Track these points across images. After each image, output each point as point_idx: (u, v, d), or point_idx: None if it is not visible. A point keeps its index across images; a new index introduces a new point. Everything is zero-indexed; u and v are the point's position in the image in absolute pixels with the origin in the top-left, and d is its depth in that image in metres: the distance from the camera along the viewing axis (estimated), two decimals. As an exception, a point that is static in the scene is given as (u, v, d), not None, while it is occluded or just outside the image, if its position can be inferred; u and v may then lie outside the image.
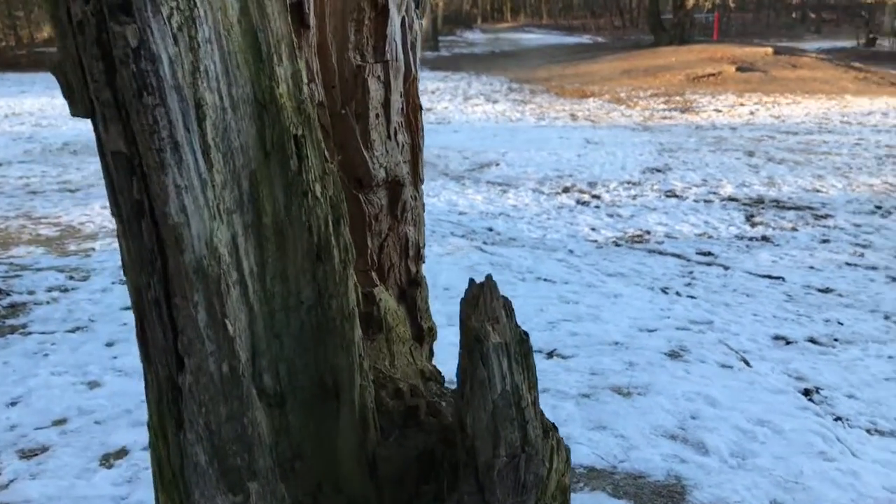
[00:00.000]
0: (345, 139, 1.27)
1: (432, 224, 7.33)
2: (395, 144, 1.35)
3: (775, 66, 23.03)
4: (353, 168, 1.30)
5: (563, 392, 3.11)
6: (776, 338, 4.82)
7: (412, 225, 1.46)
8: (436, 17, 32.13)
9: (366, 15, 1.22)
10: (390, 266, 1.41)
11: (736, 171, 10.78)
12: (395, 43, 1.29)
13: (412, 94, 1.38)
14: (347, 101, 1.25)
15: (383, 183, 1.34)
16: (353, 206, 1.29)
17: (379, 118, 1.28)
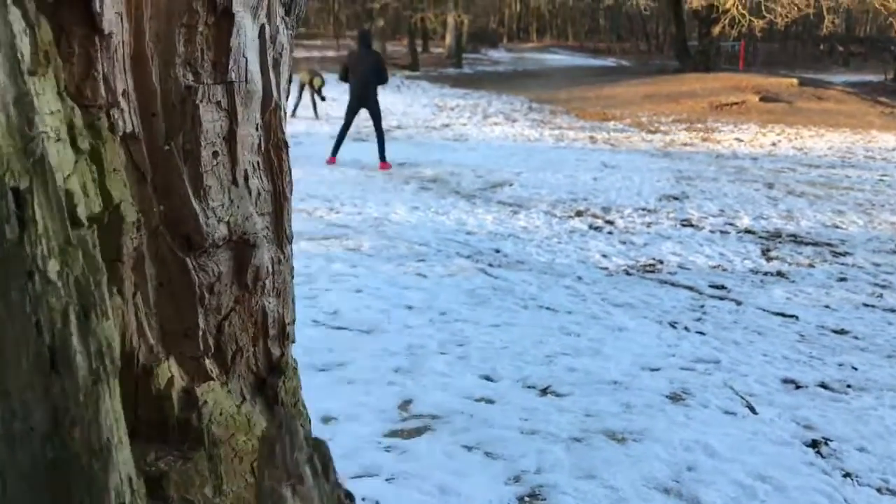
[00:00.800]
0: (169, 184, 0.95)
1: (438, 243, 7.18)
2: (246, 192, 1.02)
3: (800, 98, 22.79)
4: (181, 223, 0.97)
5: (554, 435, 2.94)
6: (786, 381, 4.61)
7: (273, 296, 1.10)
8: (460, 34, 32.14)
9: (200, 19, 0.91)
10: (237, 350, 1.05)
11: (754, 203, 10.56)
12: (243, 59, 0.97)
13: (274, 128, 1.07)
14: (173, 134, 0.94)
15: (224, 242, 1.00)
16: (180, 273, 0.97)
17: (218, 157, 0.97)
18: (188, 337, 0.99)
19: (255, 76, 1.01)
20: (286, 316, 1.16)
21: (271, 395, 1.13)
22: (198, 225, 0.96)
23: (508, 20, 52.37)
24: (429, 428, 2.96)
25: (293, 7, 1.09)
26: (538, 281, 5.99)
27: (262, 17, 1.00)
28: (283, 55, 1.09)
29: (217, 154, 0.98)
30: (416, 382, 3.38)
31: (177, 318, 0.98)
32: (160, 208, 0.94)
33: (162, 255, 0.96)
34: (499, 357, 3.84)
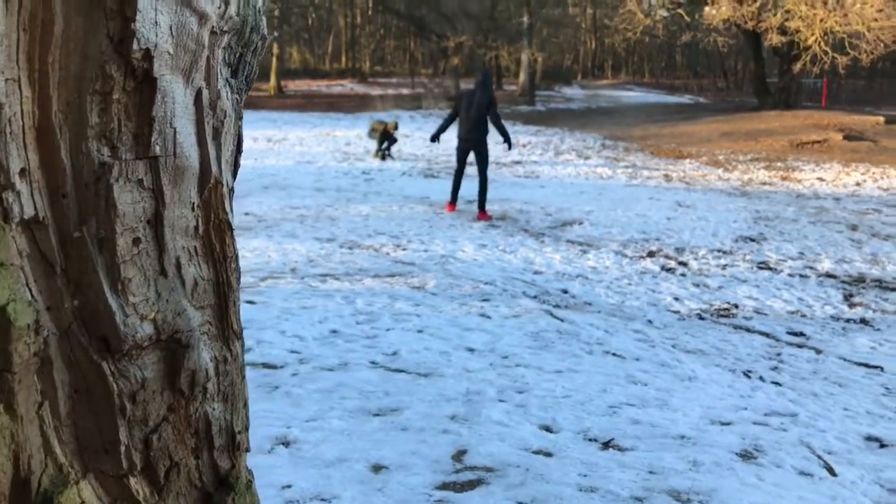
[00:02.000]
0: (82, 276, 0.80)
1: (504, 282, 7.09)
2: (178, 283, 0.86)
3: (886, 136, 21.94)
4: (98, 322, 0.81)
5: (615, 493, 2.79)
6: (869, 438, 4.32)
7: (219, 401, 0.92)
8: (534, 71, 32.23)
9: (115, 85, 0.78)
10: (171, 465, 0.88)
11: (837, 246, 10.13)
12: (171, 130, 0.83)
13: (215, 207, 0.89)
14: (86, 218, 0.80)
15: (151, 343, 0.84)
16: (97, 379, 0.82)
17: (140, 244, 0.82)
18: (109, 453, 0.84)
19: (188, 149, 0.85)
20: (236, 423, 0.97)
21: None
22: (114, 324, 0.81)
23: (583, 57, 52.33)
24: (483, 481, 2.85)
25: (241, 68, 0.93)
26: (606, 324, 5.83)
27: (199, 80, 0.85)
28: (226, 123, 0.90)
29: (139, 241, 0.83)
30: (472, 431, 3.28)
31: (97, 431, 0.83)
32: (73, 304, 0.80)
33: (76, 358, 0.81)
34: (560, 406, 3.71)
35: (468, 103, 9.88)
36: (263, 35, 0.94)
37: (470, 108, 9.86)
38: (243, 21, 0.91)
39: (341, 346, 4.50)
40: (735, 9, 24.80)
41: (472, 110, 9.85)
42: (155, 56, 0.79)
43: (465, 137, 10.02)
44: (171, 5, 0.81)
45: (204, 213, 0.90)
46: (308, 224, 9.43)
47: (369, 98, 28.42)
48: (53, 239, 0.80)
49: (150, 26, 0.79)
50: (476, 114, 9.81)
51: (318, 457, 2.91)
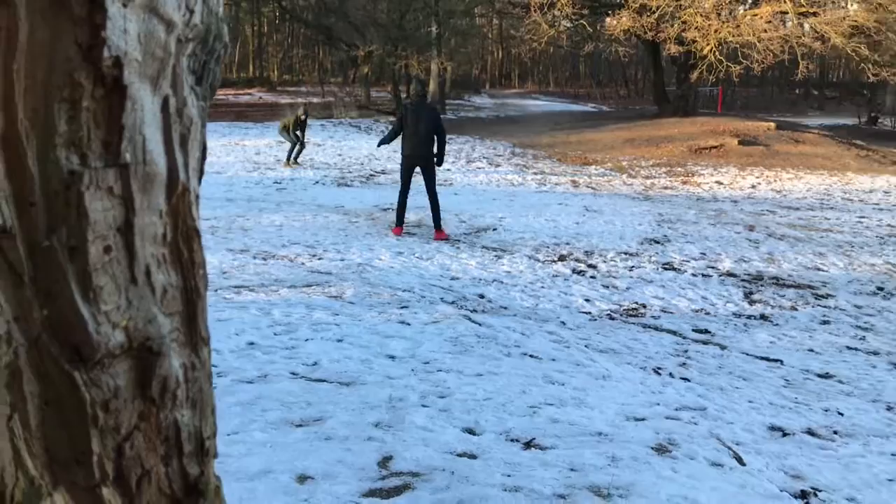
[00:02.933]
0: (52, 285, 0.80)
1: (422, 289, 7.13)
2: (148, 291, 0.86)
3: (778, 141, 23.13)
4: (68, 331, 0.81)
5: (538, 492, 2.86)
6: (772, 428, 4.56)
7: (188, 407, 0.93)
8: (444, 80, 32.50)
9: (85, 93, 0.77)
10: (143, 474, 0.89)
11: (736, 246, 10.62)
12: (140, 137, 0.83)
13: (183, 214, 0.90)
14: (55, 227, 0.79)
15: (122, 351, 0.84)
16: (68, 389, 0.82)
17: (112, 252, 0.82)
18: (80, 463, 0.83)
19: (157, 156, 0.85)
20: (204, 429, 0.97)
21: None
22: (87, 333, 0.80)
23: (491, 67, 53.10)
24: (409, 486, 2.87)
25: (205, 75, 0.94)
26: (522, 327, 5.94)
27: (166, 87, 0.84)
28: (193, 130, 0.91)
29: (110, 248, 0.82)
30: (397, 437, 3.30)
31: (67, 442, 0.82)
32: (43, 314, 0.78)
33: (46, 369, 0.80)
34: (482, 409, 3.76)
35: (415, 119, 9.38)
36: (225, 43, 0.94)
37: (417, 124, 9.35)
38: (207, 29, 0.91)
39: (260, 357, 4.44)
40: (635, 20, 25.65)
41: (419, 126, 9.35)
42: (125, 63, 0.78)
43: (412, 154, 9.50)
44: (139, 13, 0.80)
45: (172, 220, 0.88)
46: (220, 235, 9.23)
47: (279, 106, 28.02)
48: (21, 249, 0.79)
49: (120, 34, 0.78)
50: (425, 130, 9.36)
51: (242, 470, 2.87)
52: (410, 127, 9.38)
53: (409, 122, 9.38)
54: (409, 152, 9.51)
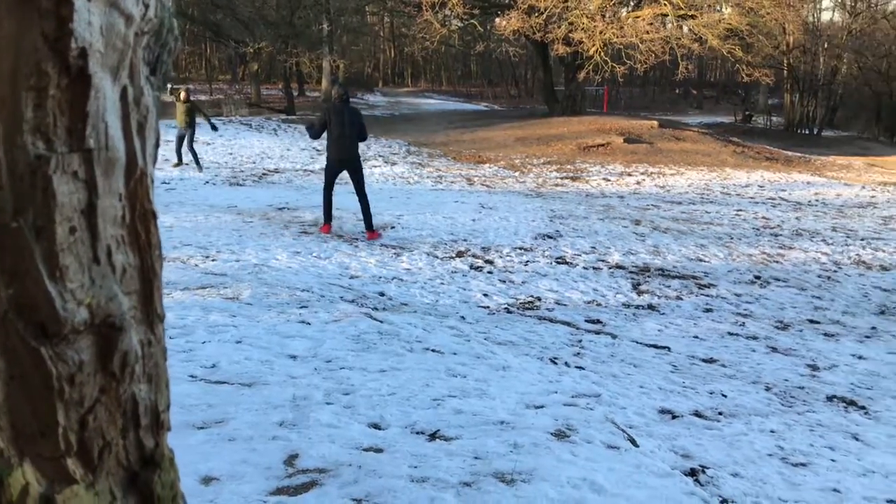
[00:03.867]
0: (19, 265, 0.84)
1: (321, 288, 7.08)
2: (109, 270, 0.91)
3: (660, 139, 24.14)
4: (34, 308, 0.85)
5: (444, 481, 2.92)
6: (662, 411, 4.79)
7: (144, 382, 0.98)
8: (336, 78, 32.23)
9: (51, 81, 0.82)
10: (104, 445, 0.94)
11: (624, 239, 11.04)
12: (103, 124, 0.88)
13: (140, 198, 0.96)
14: (22, 209, 0.84)
15: (86, 328, 0.89)
16: (34, 364, 0.87)
17: (76, 233, 0.87)
18: (45, 436, 0.87)
19: (117, 142, 0.90)
20: (160, 403, 1.02)
21: (146, 492, 1.00)
22: (54, 310, 0.85)
23: (383, 65, 53.02)
24: (317, 483, 2.87)
25: (158, 66, 0.99)
26: (423, 323, 6.00)
27: (124, 77, 0.90)
28: (149, 118, 0.97)
29: (75, 229, 0.86)
30: (302, 435, 3.29)
31: (32, 416, 0.86)
32: (8, 293, 0.82)
33: (12, 345, 0.83)
34: (386, 404, 3.79)
35: (339, 121, 9.25)
36: (176, 36, 1.00)
37: (342, 127, 9.25)
38: (161, 22, 0.96)
39: (156, 362, 4.31)
40: (524, 21, 26.21)
41: (345, 129, 9.26)
42: (90, 54, 0.82)
43: (338, 158, 9.42)
44: (101, 7, 0.85)
45: (130, 203, 0.94)
46: (106, 238, 8.85)
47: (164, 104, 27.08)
48: None
49: (85, 26, 0.82)
50: (350, 133, 9.28)
51: (143, 476, 2.79)
52: (335, 130, 9.29)
53: (334, 125, 9.28)
54: (336, 156, 9.45)
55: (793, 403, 5.30)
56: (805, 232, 12.67)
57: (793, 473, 3.97)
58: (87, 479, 0.89)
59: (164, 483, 1.02)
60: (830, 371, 6.16)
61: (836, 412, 5.17)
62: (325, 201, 9.75)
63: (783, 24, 30.20)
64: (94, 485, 0.90)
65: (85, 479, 0.89)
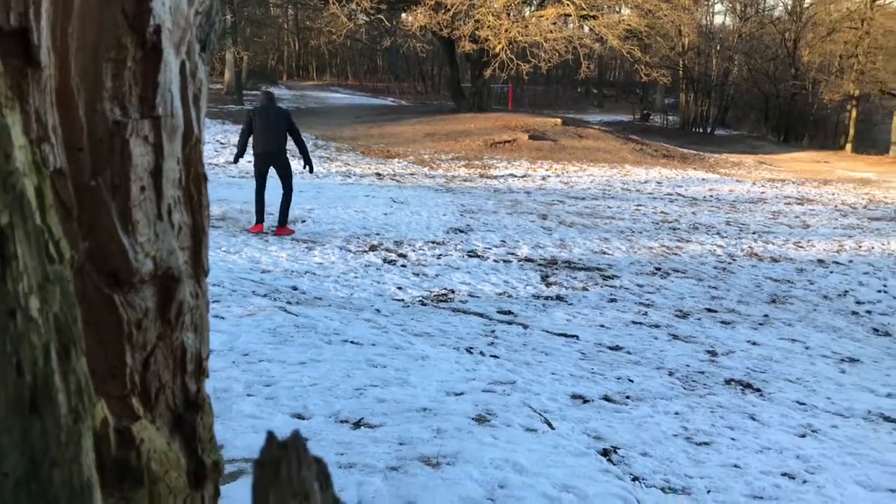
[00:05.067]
0: (95, 220, 0.93)
1: (232, 283, 6.98)
2: (170, 227, 1.01)
3: (564, 136, 24.75)
4: (108, 259, 0.94)
5: (371, 466, 2.97)
6: (574, 396, 4.98)
7: (191, 331, 1.06)
8: (240, 70, 31.57)
9: (128, 54, 0.91)
10: (160, 387, 1.03)
11: (531, 233, 11.31)
12: (170, 94, 0.97)
13: (194, 162, 1.05)
14: (100, 169, 0.92)
15: (150, 278, 0.98)
16: (106, 310, 0.94)
17: (145, 192, 0.96)
18: (114, 376, 0.95)
19: (179, 111, 0.99)
20: (203, 351, 1.12)
21: (189, 432, 1.08)
22: (126, 260, 0.91)
23: (288, 58, 52.18)
24: (244, 472, 2.88)
25: (207, 44, 1.09)
26: (339, 316, 6.01)
27: (183, 53, 0.99)
28: (202, 90, 1.08)
29: (144, 189, 0.93)
30: (226, 427, 3.28)
31: (103, 358, 0.93)
32: (85, 245, 0.91)
33: (87, 293, 0.91)
34: (308, 394, 3.81)
35: (264, 118, 9.35)
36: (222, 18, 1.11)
37: (267, 122, 9.34)
38: (211, 4, 1.07)
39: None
40: (431, 17, 26.35)
41: (269, 123, 9.35)
42: (162, 31, 0.91)
43: (264, 151, 9.48)
44: None
45: (186, 166, 1.02)
46: None
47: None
48: (70, 187, 0.89)
49: (160, 5, 0.93)
50: (274, 127, 9.37)
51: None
52: (260, 125, 9.34)
53: (259, 122, 9.34)
54: (260, 150, 9.48)
55: (694, 387, 5.59)
56: (701, 226, 13.28)
57: (697, 452, 4.21)
58: (147, 417, 0.97)
59: (204, 424, 1.12)
60: (728, 356, 6.52)
61: (734, 394, 5.49)
62: (258, 199, 9.60)
63: (679, 27, 31.46)
64: (154, 422, 0.97)
65: (146, 417, 0.96)
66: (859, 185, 21.02)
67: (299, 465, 0.77)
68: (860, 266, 11.01)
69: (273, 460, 0.77)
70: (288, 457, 0.77)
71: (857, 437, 4.82)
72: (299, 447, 0.77)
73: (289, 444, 0.77)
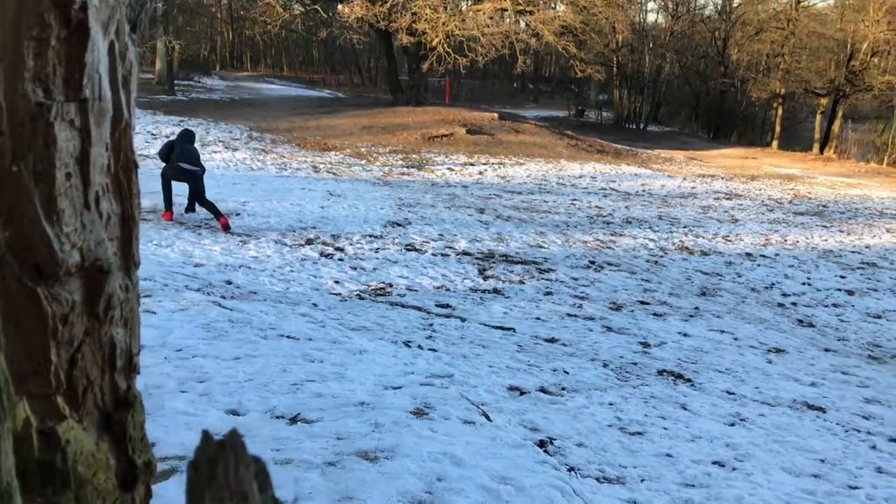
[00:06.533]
0: (17, 208, 0.88)
1: (164, 277, 6.81)
2: (98, 216, 0.96)
3: (501, 131, 24.90)
4: (30, 250, 0.89)
5: (308, 461, 2.94)
6: (511, 388, 5.03)
7: (121, 325, 1.04)
8: (171, 59, 30.77)
9: (52, 32, 0.85)
10: (87, 385, 0.97)
11: (469, 227, 11.36)
12: (97, 76, 0.92)
13: (124, 148, 0.99)
14: (22, 154, 0.87)
15: (77, 270, 0.93)
16: (29, 304, 0.90)
17: (71, 179, 0.90)
18: (37, 373, 0.90)
19: (107, 94, 0.92)
20: (133, 346, 1.06)
21: (118, 432, 1.02)
22: (52, 251, 0.84)
23: (221, 48, 51.11)
24: (177, 470, 2.81)
25: (137, 24, 1.03)
26: (275, 310, 5.93)
27: (112, 33, 0.93)
28: (132, 72, 1.02)
29: (70, 175, 0.86)
30: (158, 424, 3.19)
31: (25, 354, 0.87)
32: (5, 235, 0.85)
33: (8, 286, 0.85)
34: (244, 390, 3.75)
35: (180, 154, 9.40)
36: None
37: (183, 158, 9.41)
38: None
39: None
40: (368, 9, 26.16)
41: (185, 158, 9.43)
42: (89, 8, 0.84)
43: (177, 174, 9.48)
44: None
45: (115, 152, 0.96)
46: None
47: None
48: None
49: None
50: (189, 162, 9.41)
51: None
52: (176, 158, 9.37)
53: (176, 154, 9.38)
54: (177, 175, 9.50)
55: (628, 378, 5.70)
56: (634, 220, 13.54)
57: (630, 441, 4.30)
58: (74, 417, 0.91)
59: (135, 423, 1.06)
60: (660, 348, 6.67)
61: (666, 385, 5.62)
62: (165, 187, 9.42)
63: (613, 23, 31.93)
64: (81, 422, 0.92)
65: (73, 417, 0.91)
66: (785, 181, 21.74)
67: (237, 465, 0.73)
68: (786, 259, 11.39)
69: (209, 461, 0.73)
70: (225, 456, 0.73)
71: (783, 425, 4.99)
72: (237, 446, 0.74)
73: (226, 444, 0.74)
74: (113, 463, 0.96)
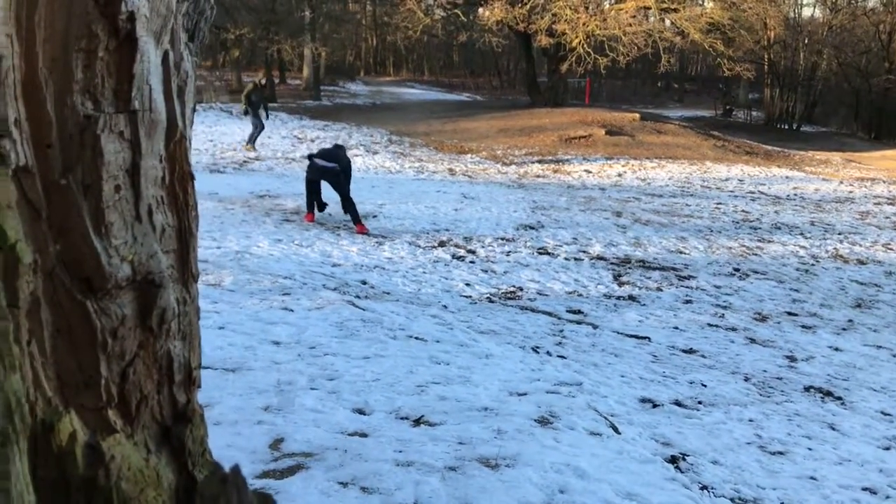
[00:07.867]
0: (66, 221, 0.86)
1: (303, 276, 7.07)
2: (150, 228, 0.92)
3: (641, 132, 24.23)
4: (80, 263, 0.87)
5: (429, 465, 2.93)
6: (643, 400, 4.84)
7: (179, 339, 0.99)
8: (318, 66, 32.02)
9: (100, 44, 0.83)
10: (141, 398, 0.95)
11: (605, 231, 11.10)
12: (147, 87, 0.89)
13: (179, 159, 0.96)
14: (70, 167, 0.86)
15: (128, 283, 0.90)
16: (79, 317, 0.87)
17: (121, 191, 0.88)
18: (89, 387, 0.88)
19: (160, 105, 0.91)
20: (192, 360, 1.04)
21: (177, 446, 1.00)
22: (99, 265, 0.85)
23: (365, 54, 52.73)
24: (302, 466, 2.88)
25: (196, 34, 1.01)
26: (405, 311, 6.01)
27: (166, 42, 0.90)
28: (188, 83, 1.00)
29: (119, 188, 0.86)
30: (287, 420, 3.29)
31: (76, 367, 0.87)
32: (56, 248, 0.82)
33: (59, 299, 0.84)
34: (370, 389, 3.80)
35: (322, 151, 10.07)
36: (213, 5, 1.03)
37: (322, 151, 10.08)
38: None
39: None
40: (507, 11, 26.16)
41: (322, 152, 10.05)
42: (137, 18, 0.85)
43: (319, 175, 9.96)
44: None
45: (170, 164, 0.96)
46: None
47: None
48: (39, 186, 0.83)
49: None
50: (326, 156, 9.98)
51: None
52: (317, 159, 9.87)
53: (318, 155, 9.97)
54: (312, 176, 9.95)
55: (771, 393, 5.37)
56: (784, 226, 12.80)
57: (771, 461, 4.03)
58: (126, 431, 0.91)
59: (195, 438, 1.04)
60: (808, 362, 6.25)
61: (813, 402, 5.25)
62: (308, 190, 9.82)
63: (764, 19, 30.38)
64: (133, 436, 0.92)
65: (125, 431, 0.91)
66: (957, 185, 19.91)
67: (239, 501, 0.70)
68: (956, 270, 10.41)
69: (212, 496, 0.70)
70: (227, 493, 0.70)
71: (948, 453, 4.53)
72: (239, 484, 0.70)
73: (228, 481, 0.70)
74: (169, 478, 0.94)
